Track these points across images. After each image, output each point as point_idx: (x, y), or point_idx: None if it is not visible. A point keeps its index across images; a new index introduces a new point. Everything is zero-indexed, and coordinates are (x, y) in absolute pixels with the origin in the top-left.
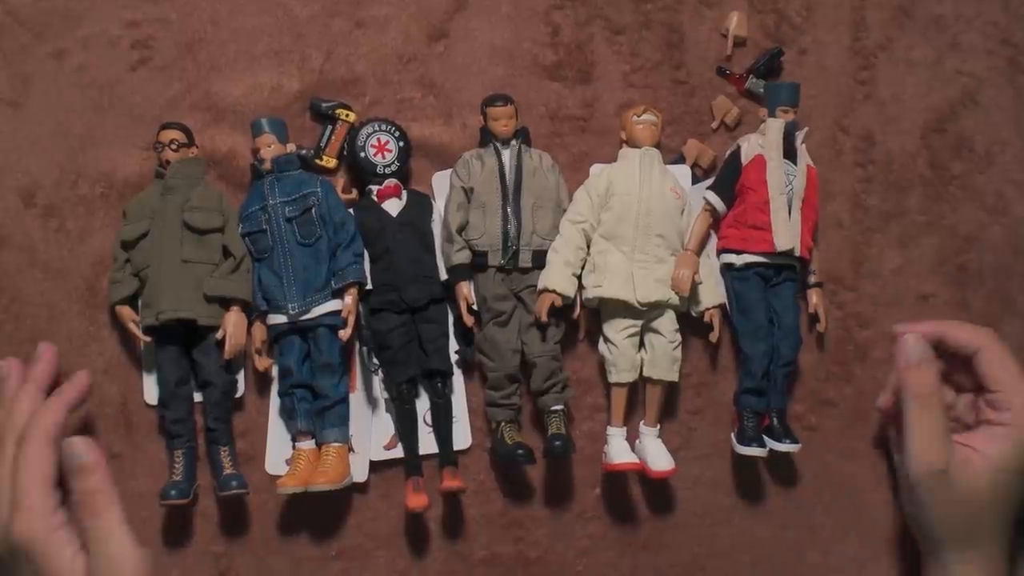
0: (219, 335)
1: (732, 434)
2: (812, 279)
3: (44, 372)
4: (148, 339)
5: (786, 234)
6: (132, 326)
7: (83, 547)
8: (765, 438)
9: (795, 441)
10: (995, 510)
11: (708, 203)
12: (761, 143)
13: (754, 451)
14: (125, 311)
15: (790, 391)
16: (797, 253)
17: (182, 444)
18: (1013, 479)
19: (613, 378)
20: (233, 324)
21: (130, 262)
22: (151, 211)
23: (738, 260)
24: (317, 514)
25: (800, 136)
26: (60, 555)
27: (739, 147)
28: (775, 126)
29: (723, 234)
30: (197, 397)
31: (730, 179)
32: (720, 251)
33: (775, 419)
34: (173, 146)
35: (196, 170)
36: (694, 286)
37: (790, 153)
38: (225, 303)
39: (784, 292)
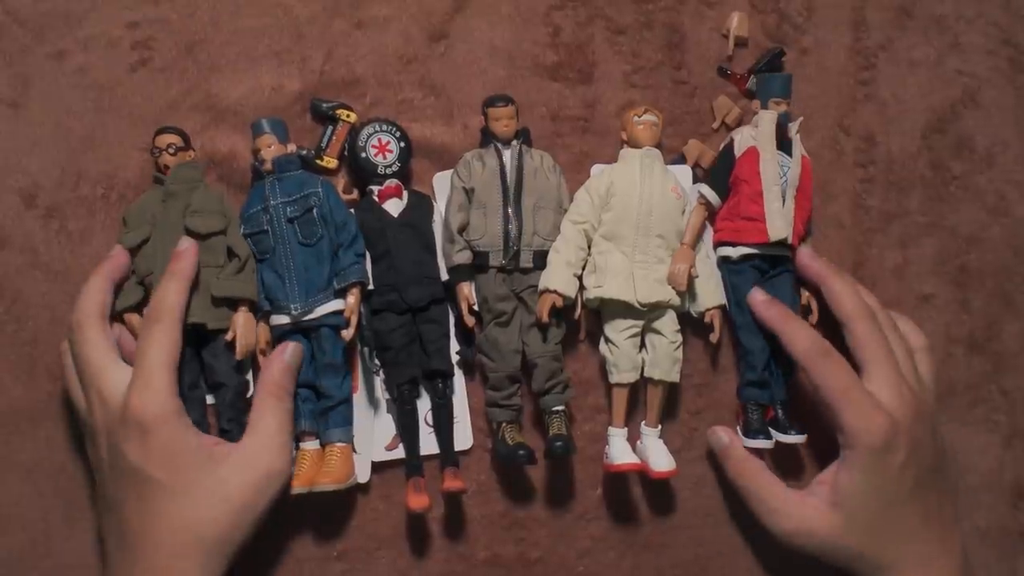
0: (229, 336)
1: (737, 428)
2: None
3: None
4: None
5: (780, 223)
6: None
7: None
8: (771, 430)
9: (800, 432)
10: (885, 527)
11: (702, 196)
12: (754, 135)
13: (761, 443)
14: (134, 319)
15: (793, 383)
16: (791, 242)
17: None
18: (878, 496)
19: (614, 379)
20: (242, 324)
21: (134, 270)
22: (152, 217)
23: (733, 252)
24: (318, 514)
25: (794, 127)
26: (183, 433)
27: (732, 140)
28: (768, 118)
29: (718, 227)
30: (209, 399)
31: (723, 172)
32: (716, 244)
33: (779, 411)
34: (171, 150)
35: (195, 174)
36: (692, 282)
37: (784, 144)
38: (232, 304)
39: (780, 284)
